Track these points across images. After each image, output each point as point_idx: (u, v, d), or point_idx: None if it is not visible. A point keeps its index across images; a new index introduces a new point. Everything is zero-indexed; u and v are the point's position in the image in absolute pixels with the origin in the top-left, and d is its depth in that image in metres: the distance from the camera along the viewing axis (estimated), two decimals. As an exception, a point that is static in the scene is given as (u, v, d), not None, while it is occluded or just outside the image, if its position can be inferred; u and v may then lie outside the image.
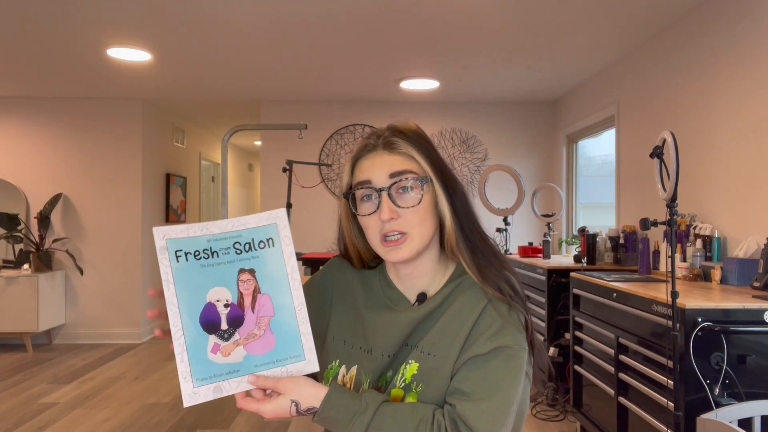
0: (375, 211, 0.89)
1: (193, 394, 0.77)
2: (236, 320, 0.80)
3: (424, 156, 0.90)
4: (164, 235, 0.79)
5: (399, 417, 0.80)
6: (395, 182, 0.88)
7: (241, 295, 0.80)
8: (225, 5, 3.15)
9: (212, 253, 0.80)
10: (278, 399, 0.79)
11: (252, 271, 0.81)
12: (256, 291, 0.81)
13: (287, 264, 0.82)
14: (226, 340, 0.79)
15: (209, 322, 0.79)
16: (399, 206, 0.88)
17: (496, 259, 0.92)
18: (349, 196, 0.93)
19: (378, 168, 0.89)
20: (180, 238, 0.79)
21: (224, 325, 0.79)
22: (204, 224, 0.81)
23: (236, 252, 0.81)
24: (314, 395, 0.80)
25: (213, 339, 0.79)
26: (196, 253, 0.80)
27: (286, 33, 3.61)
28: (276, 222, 0.83)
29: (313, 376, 0.85)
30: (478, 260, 0.90)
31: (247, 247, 0.81)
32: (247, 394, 0.81)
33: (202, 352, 0.78)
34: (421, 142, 0.92)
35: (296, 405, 0.79)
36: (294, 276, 0.82)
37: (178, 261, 0.79)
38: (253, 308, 0.80)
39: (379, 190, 0.88)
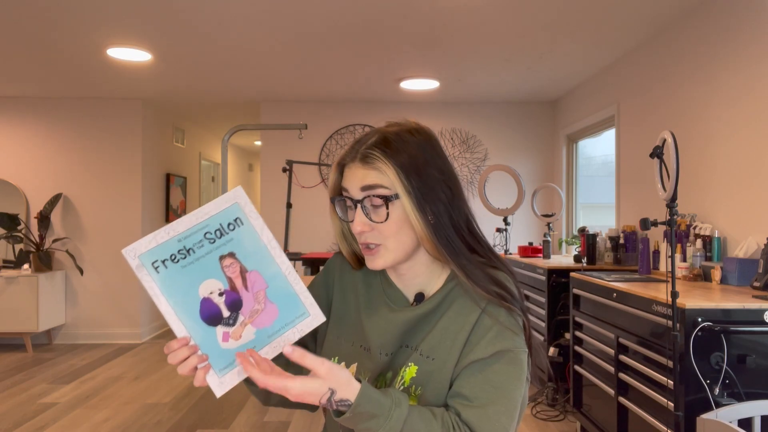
0: (353, 220, 0.90)
1: (221, 384, 0.80)
2: (235, 304, 0.81)
3: (399, 170, 0.86)
4: (135, 253, 0.78)
5: (424, 415, 0.79)
6: (366, 196, 0.88)
7: (230, 280, 0.81)
8: (225, 5, 3.15)
9: (188, 251, 0.80)
10: (311, 381, 0.74)
11: (232, 254, 0.82)
12: (243, 271, 0.82)
13: (262, 236, 0.83)
14: (232, 325, 0.81)
15: (210, 316, 0.80)
16: (372, 220, 0.88)
17: (488, 261, 0.91)
18: (335, 200, 0.94)
19: (352, 179, 0.89)
20: (151, 249, 0.79)
21: (225, 313, 0.81)
22: (168, 226, 0.80)
23: (210, 242, 0.81)
24: (349, 384, 0.75)
25: (220, 329, 0.81)
26: (173, 257, 0.80)
27: (286, 33, 3.61)
28: (236, 201, 0.83)
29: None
30: (464, 265, 0.88)
31: (218, 233, 0.82)
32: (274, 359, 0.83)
33: (214, 345, 0.80)
34: (401, 152, 0.87)
35: (332, 392, 0.74)
36: (272, 244, 0.83)
37: (158, 272, 0.79)
38: (246, 287, 0.82)
39: (354, 202, 0.89)
